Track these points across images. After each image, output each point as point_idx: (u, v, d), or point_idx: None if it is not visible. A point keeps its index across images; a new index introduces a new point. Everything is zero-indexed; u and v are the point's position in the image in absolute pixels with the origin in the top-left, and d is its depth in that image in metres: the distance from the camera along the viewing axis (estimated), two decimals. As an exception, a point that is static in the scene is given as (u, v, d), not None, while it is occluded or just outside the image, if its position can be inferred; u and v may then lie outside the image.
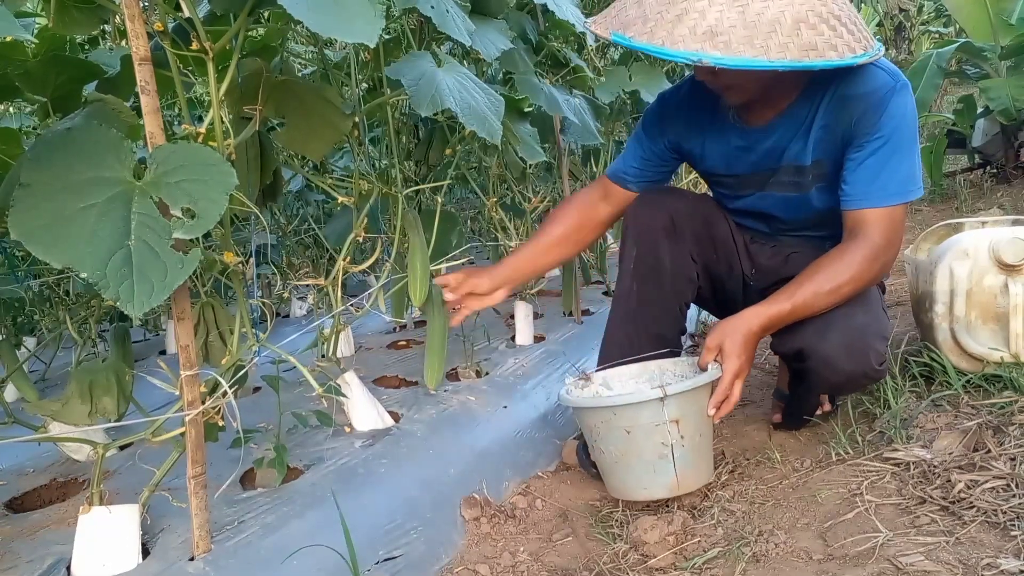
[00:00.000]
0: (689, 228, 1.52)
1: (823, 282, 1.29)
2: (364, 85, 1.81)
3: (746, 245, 1.59)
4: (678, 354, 1.57)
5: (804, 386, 1.53)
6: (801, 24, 1.11)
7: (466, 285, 1.54)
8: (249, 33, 1.52)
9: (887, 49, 2.01)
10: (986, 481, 1.25)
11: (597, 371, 1.53)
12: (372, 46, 0.96)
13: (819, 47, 1.12)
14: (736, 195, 1.55)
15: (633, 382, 1.51)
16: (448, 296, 1.54)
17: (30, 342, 2.46)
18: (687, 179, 3.00)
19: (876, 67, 1.29)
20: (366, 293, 1.62)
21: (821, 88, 1.33)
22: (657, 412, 1.26)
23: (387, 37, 1.76)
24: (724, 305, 1.66)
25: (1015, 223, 1.77)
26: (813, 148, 1.36)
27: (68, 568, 1.05)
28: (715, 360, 1.31)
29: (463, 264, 1.71)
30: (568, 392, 1.43)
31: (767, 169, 1.44)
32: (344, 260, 1.47)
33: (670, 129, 1.54)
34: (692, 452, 1.30)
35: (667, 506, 1.42)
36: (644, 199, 1.57)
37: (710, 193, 1.67)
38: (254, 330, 1.22)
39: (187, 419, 1.00)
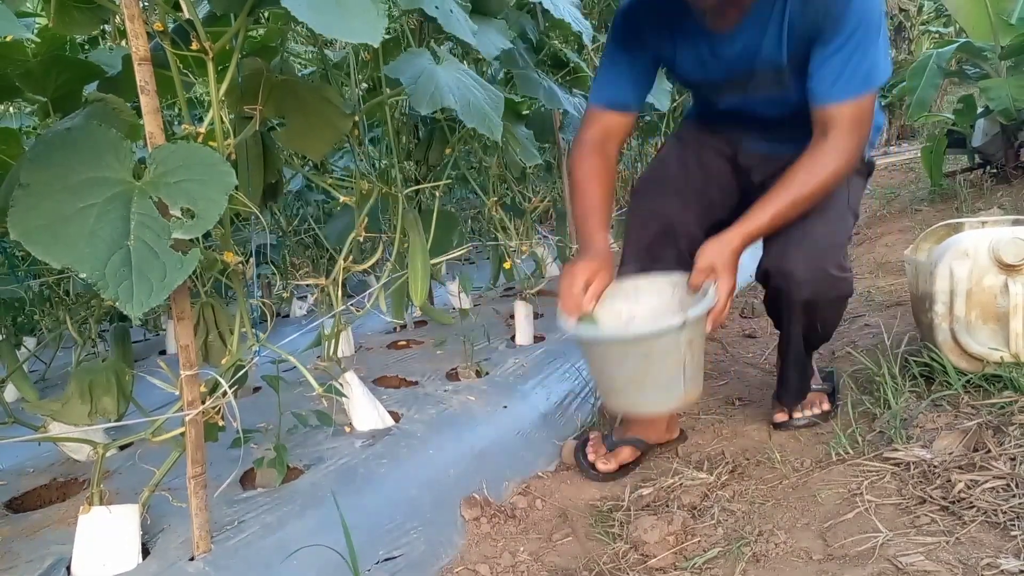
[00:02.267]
0: (688, 220, 1.54)
1: (797, 189, 1.36)
2: (364, 85, 1.81)
3: (749, 184, 1.61)
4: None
5: (785, 331, 1.59)
6: None
7: (590, 290, 1.44)
8: (249, 33, 1.52)
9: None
10: (986, 481, 1.25)
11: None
12: (375, 46, 0.96)
13: None
14: (719, 99, 1.56)
15: (620, 303, 1.49)
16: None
17: (30, 342, 2.46)
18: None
19: None
20: (366, 293, 1.62)
21: None
22: (675, 338, 1.32)
23: (387, 37, 1.76)
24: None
25: (1015, 223, 1.76)
26: (787, 46, 1.37)
27: (68, 568, 1.05)
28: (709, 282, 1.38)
29: (462, 263, 1.71)
30: (573, 323, 1.39)
31: (743, 72, 1.44)
32: (345, 260, 1.47)
33: (648, 39, 1.51)
34: (696, 368, 1.39)
35: (667, 506, 1.42)
36: (637, 211, 1.60)
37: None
38: (254, 330, 1.22)
39: (187, 419, 1.00)
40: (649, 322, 1.40)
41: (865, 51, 1.31)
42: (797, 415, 1.70)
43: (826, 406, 1.70)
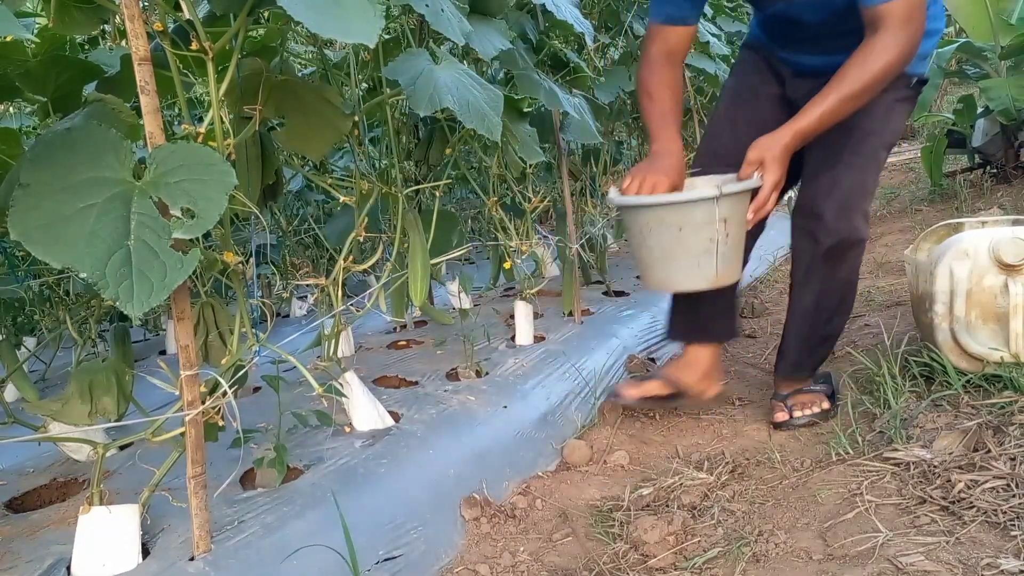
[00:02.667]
0: (742, 145, 1.55)
1: (848, 86, 1.41)
2: (364, 85, 1.81)
3: (794, 98, 1.68)
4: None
5: (799, 289, 1.68)
6: None
7: (646, 188, 1.53)
8: (249, 33, 1.52)
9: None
10: (986, 481, 1.25)
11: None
12: (372, 46, 0.96)
13: None
14: (766, 5, 1.66)
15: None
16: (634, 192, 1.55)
17: (30, 342, 2.46)
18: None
19: None
20: (366, 293, 1.62)
21: None
22: (710, 211, 1.42)
23: (387, 37, 1.76)
24: None
25: (1015, 223, 1.77)
26: None
27: (68, 568, 1.05)
28: (756, 172, 1.47)
29: (462, 263, 1.72)
30: (620, 194, 1.54)
31: None
32: (345, 260, 1.47)
33: None
34: (732, 250, 1.49)
35: (667, 506, 1.42)
36: (701, 144, 1.79)
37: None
38: (254, 330, 1.22)
39: (187, 419, 1.00)
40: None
41: None
42: (797, 414, 1.71)
43: (826, 405, 1.72)
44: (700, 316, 1.79)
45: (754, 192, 1.46)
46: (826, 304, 1.68)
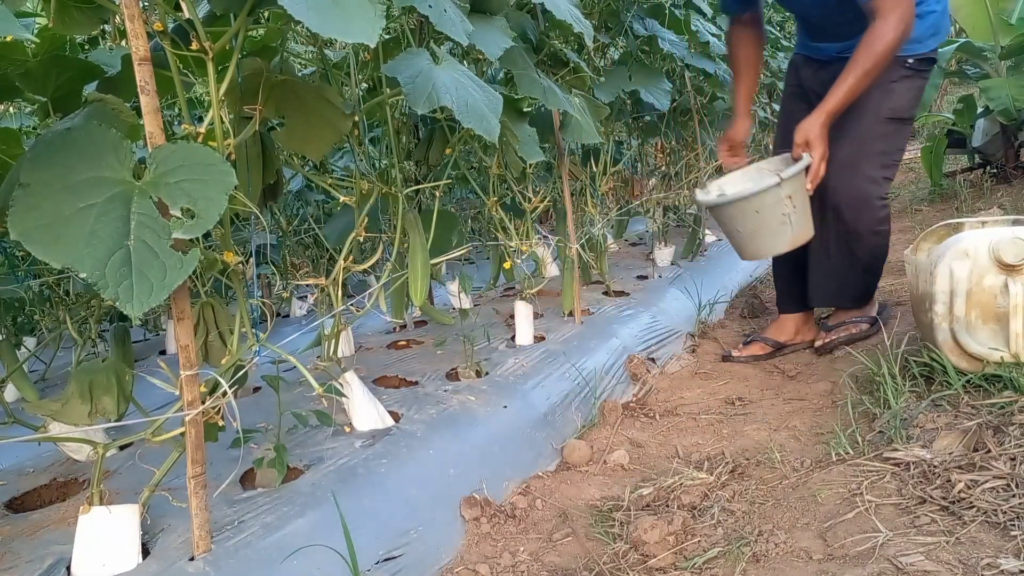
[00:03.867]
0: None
1: (861, 65, 1.83)
2: (364, 85, 1.81)
3: (814, 92, 2.10)
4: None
5: (819, 234, 2.02)
6: None
7: (740, 148, 2.23)
8: (249, 33, 1.52)
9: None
10: (986, 481, 1.25)
11: (711, 183, 2.18)
12: (372, 46, 0.96)
13: None
14: (788, 8, 2.29)
15: (743, 182, 2.08)
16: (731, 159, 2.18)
17: (30, 342, 2.46)
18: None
19: None
20: (366, 293, 1.62)
21: None
22: (777, 193, 1.86)
23: (387, 37, 1.76)
24: None
25: (1015, 223, 1.77)
26: None
27: (68, 568, 1.05)
28: (804, 151, 1.90)
29: (462, 263, 1.73)
30: (706, 194, 2.09)
31: None
32: (345, 260, 1.47)
33: None
34: (801, 216, 1.91)
35: (667, 506, 1.42)
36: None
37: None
38: (254, 330, 1.22)
39: (187, 419, 1.00)
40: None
41: None
42: (835, 336, 2.14)
43: (864, 326, 2.11)
44: (786, 292, 2.32)
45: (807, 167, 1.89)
46: (840, 251, 2.06)
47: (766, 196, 1.87)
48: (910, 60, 1.97)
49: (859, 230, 2.01)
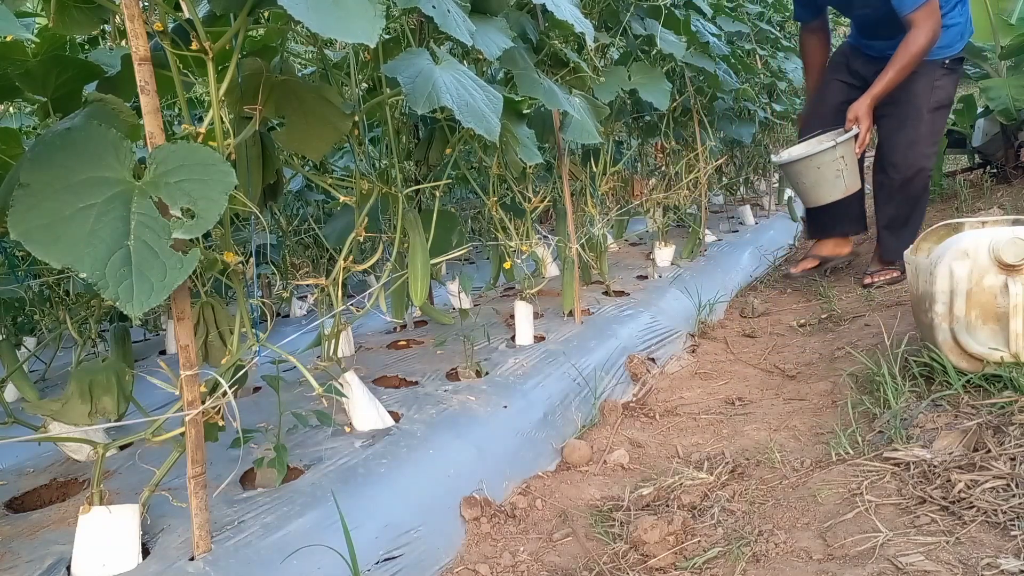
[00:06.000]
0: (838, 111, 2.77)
1: (899, 62, 2.51)
2: (364, 85, 1.81)
3: (858, 84, 2.78)
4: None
5: (883, 206, 2.82)
6: None
7: (805, 130, 2.98)
8: (249, 33, 1.52)
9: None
10: (986, 481, 1.25)
11: (783, 152, 2.95)
12: (372, 46, 0.96)
13: None
14: (850, 11, 2.82)
15: (805, 149, 2.75)
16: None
17: (30, 342, 2.46)
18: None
19: None
20: (366, 293, 1.62)
21: None
22: (833, 154, 2.61)
23: (387, 37, 1.76)
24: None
25: (1015, 223, 1.76)
26: None
27: (68, 568, 1.05)
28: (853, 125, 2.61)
29: (462, 263, 1.73)
30: (778, 157, 2.85)
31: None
32: (345, 260, 1.47)
33: None
34: (851, 172, 2.65)
35: (667, 506, 1.42)
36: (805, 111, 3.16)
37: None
38: (254, 330, 1.22)
39: (187, 419, 1.00)
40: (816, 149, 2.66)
41: None
42: (879, 277, 2.83)
43: (896, 273, 2.78)
44: (820, 223, 3.07)
45: (856, 137, 2.59)
46: (902, 213, 2.77)
47: (824, 156, 2.62)
48: (946, 61, 2.62)
49: (916, 186, 2.72)
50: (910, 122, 2.65)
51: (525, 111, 1.83)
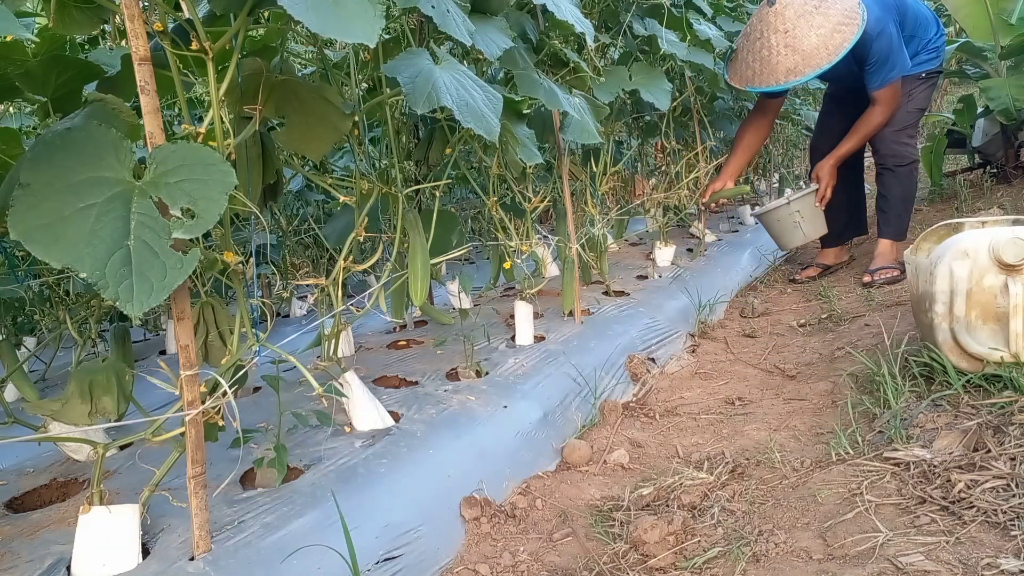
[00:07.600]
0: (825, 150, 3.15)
1: (862, 131, 2.93)
2: (364, 85, 1.81)
3: (839, 131, 3.10)
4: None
5: (884, 188, 3.05)
6: (834, 32, 2.68)
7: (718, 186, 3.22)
8: (249, 33, 1.52)
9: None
10: (986, 481, 1.25)
11: (766, 201, 3.88)
12: (372, 46, 0.96)
13: (846, 36, 2.68)
14: (832, 82, 3.26)
15: (776, 202, 3.21)
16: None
17: (30, 342, 2.46)
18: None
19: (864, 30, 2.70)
20: (366, 293, 1.62)
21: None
22: (788, 208, 3.10)
23: (387, 37, 1.76)
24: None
25: (1015, 223, 1.77)
26: (857, 67, 2.83)
27: (68, 568, 1.05)
28: (815, 182, 3.05)
29: (463, 263, 1.73)
30: (755, 210, 3.41)
31: (844, 74, 2.89)
32: (345, 260, 1.47)
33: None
34: (810, 223, 3.11)
35: (667, 506, 1.42)
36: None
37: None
38: (254, 330, 1.22)
39: (187, 419, 1.00)
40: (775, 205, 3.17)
41: (890, 63, 2.77)
42: (878, 276, 2.90)
43: (896, 273, 2.87)
44: (826, 235, 3.28)
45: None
46: (896, 195, 3.00)
47: (780, 211, 3.12)
48: (923, 74, 2.94)
49: (902, 168, 2.98)
50: (893, 122, 2.97)
51: (525, 111, 1.83)
